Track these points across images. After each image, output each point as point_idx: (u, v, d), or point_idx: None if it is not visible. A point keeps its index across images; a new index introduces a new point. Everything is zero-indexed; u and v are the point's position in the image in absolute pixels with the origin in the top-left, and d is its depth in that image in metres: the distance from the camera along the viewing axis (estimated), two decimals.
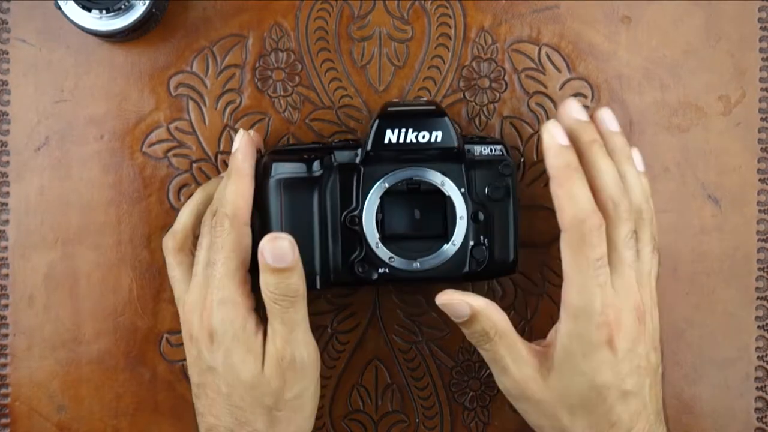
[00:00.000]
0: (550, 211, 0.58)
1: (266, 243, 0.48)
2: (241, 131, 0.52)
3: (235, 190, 0.50)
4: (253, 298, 0.51)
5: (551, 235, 0.58)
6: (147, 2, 0.53)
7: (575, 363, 0.47)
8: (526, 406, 0.50)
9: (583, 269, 0.46)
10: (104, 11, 0.53)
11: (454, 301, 0.49)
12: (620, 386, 0.47)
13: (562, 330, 0.47)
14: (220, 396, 0.50)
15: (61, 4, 0.53)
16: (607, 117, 0.51)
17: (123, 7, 0.53)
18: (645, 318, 0.48)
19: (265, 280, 0.48)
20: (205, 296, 0.50)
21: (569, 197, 0.46)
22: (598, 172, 0.48)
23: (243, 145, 0.51)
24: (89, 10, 0.53)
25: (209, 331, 0.50)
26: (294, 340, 0.49)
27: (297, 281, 0.48)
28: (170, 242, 0.54)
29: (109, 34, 0.54)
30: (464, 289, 0.50)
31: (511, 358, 0.49)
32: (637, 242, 0.49)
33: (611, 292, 0.47)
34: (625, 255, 0.48)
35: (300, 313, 0.49)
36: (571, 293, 0.47)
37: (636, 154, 0.52)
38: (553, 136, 0.47)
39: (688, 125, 0.59)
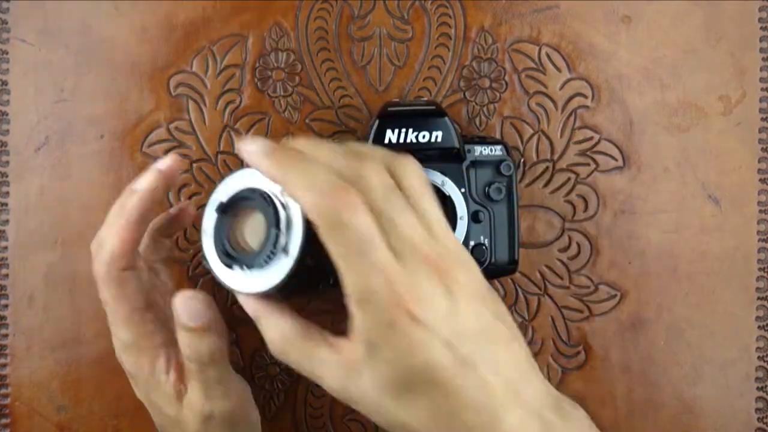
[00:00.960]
0: (550, 211, 0.59)
1: (179, 300, 0.46)
2: (154, 171, 0.47)
3: (113, 233, 0.47)
4: (159, 332, 0.48)
5: (551, 235, 0.58)
6: (293, 253, 0.42)
7: (380, 351, 0.39)
8: (361, 408, 0.42)
9: (348, 253, 0.39)
10: (245, 267, 0.43)
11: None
12: (448, 358, 0.39)
13: (356, 321, 0.40)
14: (158, 426, 0.51)
15: (209, 261, 0.45)
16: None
17: (264, 261, 0.43)
18: (449, 267, 0.40)
19: (180, 337, 0.47)
20: (114, 343, 0.49)
21: (301, 187, 0.39)
22: (313, 151, 0.41)
23: (147, 186, 0.47)
24: (230, 267, 0.44)
25: (127, 373, 0.50)
26: (211, 396, 0.48)
27: (212, 342, 0.46)
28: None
29: (264, 293, 0.44)
30: None
31: (316, 362, 0.42)
32: (404, 187, 0.42)
33: (389, 260, 0.39)
34: (392, 208, 0.40)
35: (216, 373, 0.47)
36: (346, 281, 0.39)
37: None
38: (254, 150, 0.41)
39: (688, 125, 0.59)
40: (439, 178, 0.51)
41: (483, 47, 0.58)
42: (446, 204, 0.51)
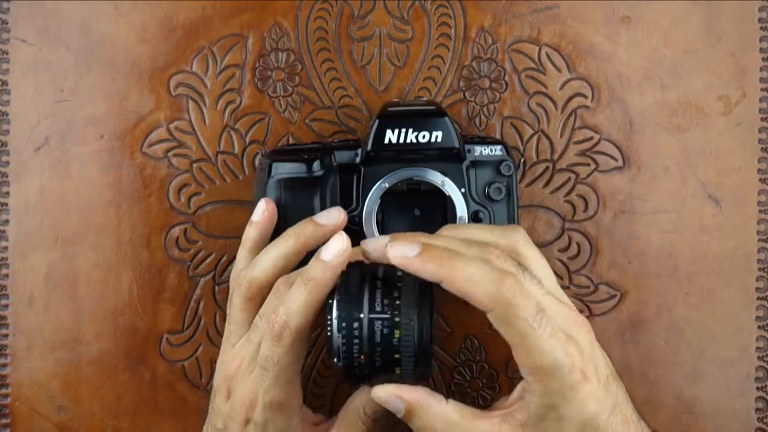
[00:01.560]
0: (550, 211, 0.59)
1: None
2: (342, 237, 0.46)
3: (307, 302, 0.45)
4: (300, 393, 0.49)
5: (551, 235, 0.58)
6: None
7: (559, 413, 0.43)
8: None
9: (529, 331, 0.42)
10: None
11: (383, 396, 0.44)
12: (606, 404, 0.44)
13: (537, 390, 0.43)
14: None
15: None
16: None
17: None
18: (585, 321, 0.46)
19: (367, 405, 0.48)
20: (252, 387, 0.47)
21: (468, 281, 0.43)
22: (454, 246, 0.45)
23: (336, 256, 0.45)
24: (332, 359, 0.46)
25: (247, 418, 0.48)
26: None
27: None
28: (244, 285, 0.49)
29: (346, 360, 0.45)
30: None
31: None
32: (528, 269, 0.46)
33: (559, 331, 0.43)
34: (534, 289, 0.44)
35: None
36: (529, 358, 0.43)
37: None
38: (404, 255, 0.44)
39: (688, 125, 0.59)
40: (439, 178, 0.51)
41: (483, 47, 0.58)
42: (446, 204, 0.51)
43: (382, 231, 0.51)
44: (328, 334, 0.44)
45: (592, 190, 0.58)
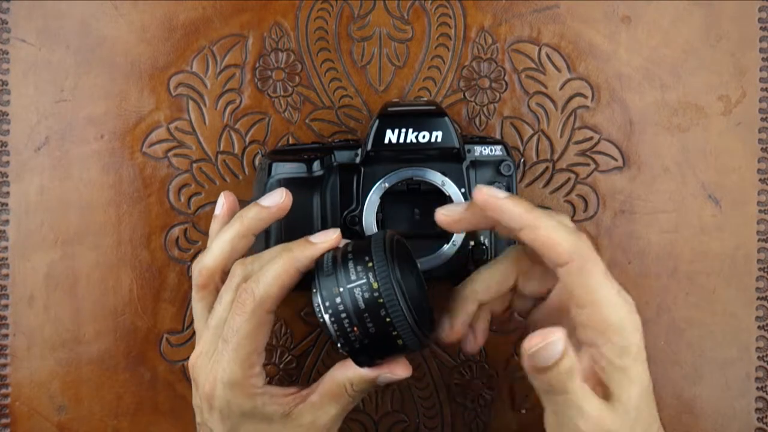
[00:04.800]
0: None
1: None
2: (336, 230, 0.47)
3: (276, 274, 0.45)
4: (262, 374, 0.47)
5: None
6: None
7: (630, 376, 0.43)
8: None
9: (604, 283, 0.43)
10: None
11: (548, 339, 0.41)
12: (648, 378, 0.45)
13: (610, 351, 0.43)
14: None
15: None
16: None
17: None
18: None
19: (355, 380, 0.47)
20: (212, 369, 0.47)
21: (554, 229, 0.43)
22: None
23: (322, 241, 0.46)
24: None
25: (210, 405, 0.47)
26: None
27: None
28: (195, 274, 0.49)
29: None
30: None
31: (582, 393, 0.43)
32: None
33: (623, 292, 0.44)
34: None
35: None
36: (601, 313, 0.43)
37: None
38: (492, 195, 0.44)
39: (688, 125, 0.59)
40: (439, 178, 0.51)
41: (483, 47, 0.58)
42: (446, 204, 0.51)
43: None
44: (321, 321, 0.43)
45: (592, 190, 0.58)
